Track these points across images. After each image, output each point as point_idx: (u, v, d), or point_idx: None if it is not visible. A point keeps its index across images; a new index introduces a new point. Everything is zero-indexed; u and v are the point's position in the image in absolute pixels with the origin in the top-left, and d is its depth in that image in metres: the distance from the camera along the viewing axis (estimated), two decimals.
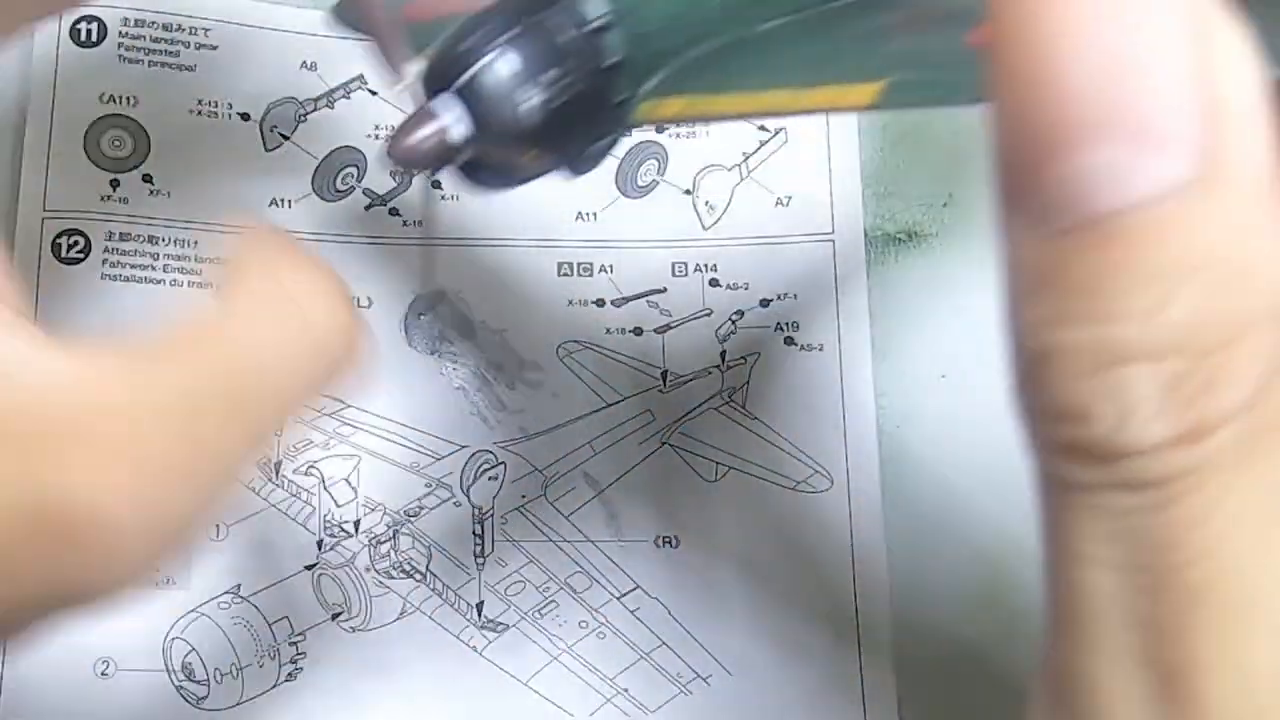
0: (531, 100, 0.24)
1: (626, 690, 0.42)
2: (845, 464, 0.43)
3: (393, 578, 0.41)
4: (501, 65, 0.24)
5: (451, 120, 0.24)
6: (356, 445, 0.42)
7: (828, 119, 0.45)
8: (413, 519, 0.42)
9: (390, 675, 0.41)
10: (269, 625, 0.40)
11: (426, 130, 0.24)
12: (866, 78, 0.20)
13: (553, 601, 0.42)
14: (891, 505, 0.43)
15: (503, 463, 0.42)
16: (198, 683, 0.39)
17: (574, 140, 0.25)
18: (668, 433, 0.43)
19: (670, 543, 0.42)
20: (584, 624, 0.42)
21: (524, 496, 0.42)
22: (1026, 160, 0.15)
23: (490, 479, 0.42)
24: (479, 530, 0.42)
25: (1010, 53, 0.15)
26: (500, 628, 0.41)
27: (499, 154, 0.25)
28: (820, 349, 0.44)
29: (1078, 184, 0.14)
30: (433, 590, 0.41)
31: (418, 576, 0.41)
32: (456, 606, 0.41)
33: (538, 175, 0.26)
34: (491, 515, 0.42)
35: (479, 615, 0.41)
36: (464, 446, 0.42)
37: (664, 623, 0.42)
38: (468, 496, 0.42)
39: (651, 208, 0.45)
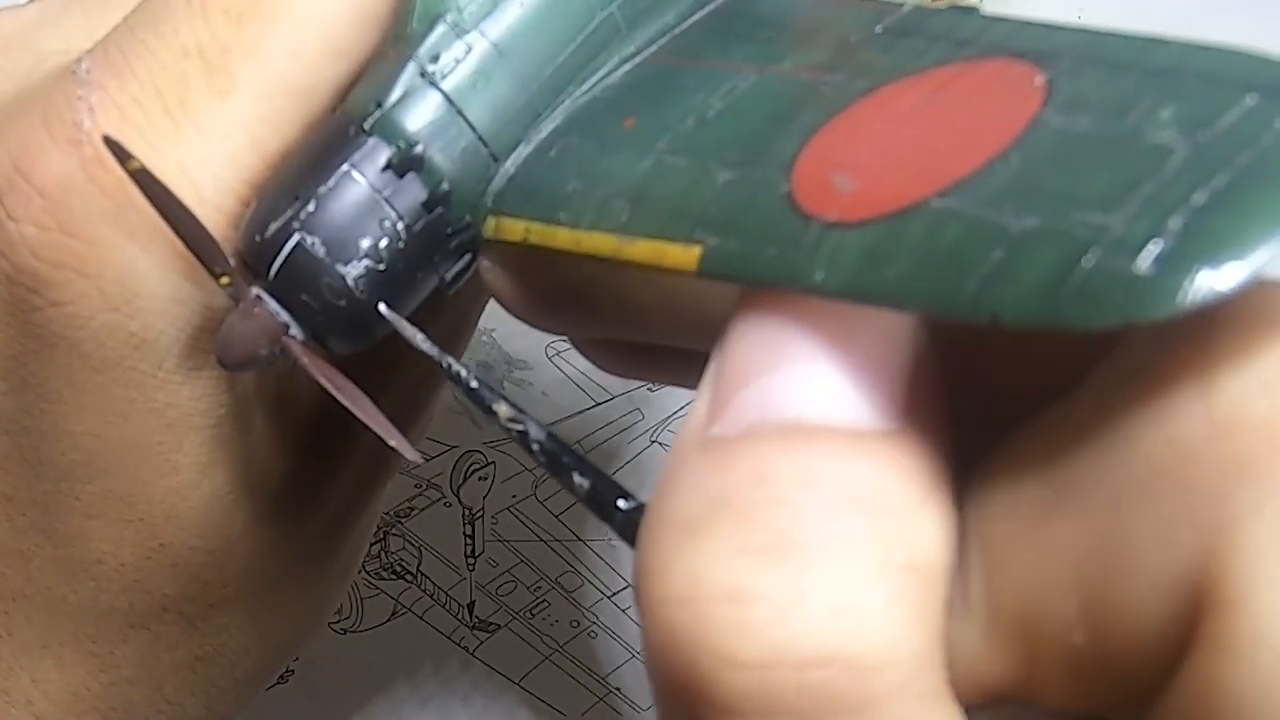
0: (356, 272, 0.20)
1: (618, 689, 0.42)
2: None
3: (383, 579, 0.41)
4: (302, 254, 0.20)
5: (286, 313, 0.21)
6: None
7: None
8: (403, 519, 0.42)
9: (382, 676, 0.41)
10: None
11: (261, 325, 0.20)
12: (678, 236, 0.17)
13: (544, 601, 0.42)
14: None
15: (492, 462, 0.42)
16: None
17: (420, 289, 0.21)
18: (657, 431, 0.43)
19: None
20: (576, 623, 0.42)
21: (514, 496, 0.42)
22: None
23: (480, 479, 0.42)
24: (469, 530, 0.42)
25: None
26: (492, 627, 0.41)
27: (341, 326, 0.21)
28: None
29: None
30: (424, 591, 0.41)
31: (408, 577, 0.41)
32: (448, 607, 0.41)
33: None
34: (482, 515, 0.42)
35: (470, 615, 0.41)
36: (454, 446, 0.42)
37: None
38: (458, 496, 0.42)
39: None
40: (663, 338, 0.22)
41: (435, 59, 0.20)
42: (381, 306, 0.21)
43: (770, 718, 0.14)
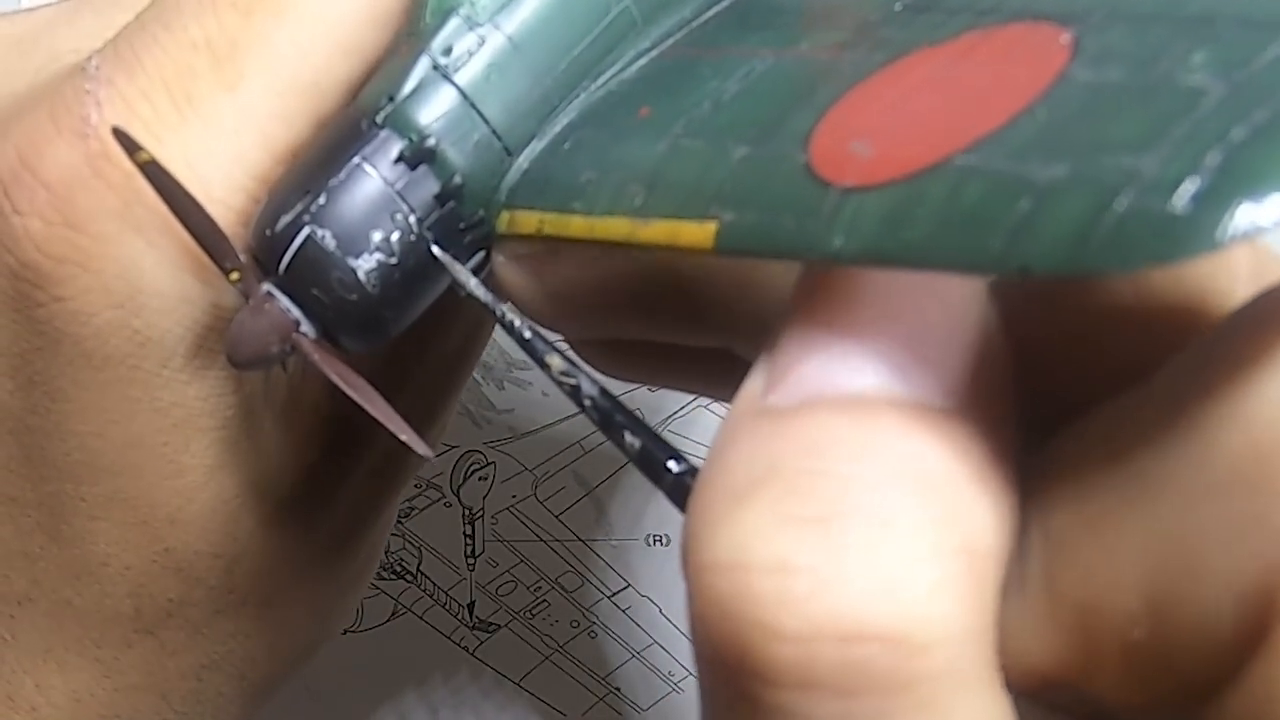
0: (367, 266, 0.20)
1: (619, 689, 0.42)
2: None
3: (383, 579, 0.41)
4: (313, 247, 0.20)
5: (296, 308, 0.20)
6: None
7: None
8: (403, 519, 0.41)
9: (382, 677, 0.41)
10: None
11: (272, 322, 0.20)
12: (693, 214, 0.17)
13: (544, 601, 0.42)
14: None
15: (493, 462, 0.42)
16: None
17: (433, 284, 0.21)
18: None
19: (661, 541, 0.42)
20: (576, 623, 0.42)
21: (514, 496, 0.42)
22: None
23: (480, 479, 0.42)
24: (469, 530, 0.42)
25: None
26: (492, 628, 0.41)
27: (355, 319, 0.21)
28: None
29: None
30: (424, 591, 0.41)
31: (408, 577, 0.41)
32: (448, 607, 0.41)
33: (409, 321, 0.22)
34: (482, 515, 0.42)
35: (470, 615, 0.41)
36: (454, 446, 0.42)
37: (656, 621, 0.42)
38: (458, 496, 0.42)
39: None
40: (679, 336, 0.22)
41: (448, 52, 0.20)
42: (435, 249, 0.20)
43: (811, 691, 0.13)
